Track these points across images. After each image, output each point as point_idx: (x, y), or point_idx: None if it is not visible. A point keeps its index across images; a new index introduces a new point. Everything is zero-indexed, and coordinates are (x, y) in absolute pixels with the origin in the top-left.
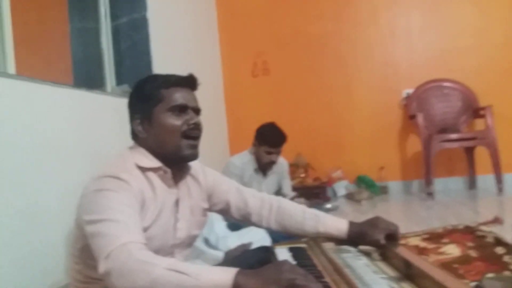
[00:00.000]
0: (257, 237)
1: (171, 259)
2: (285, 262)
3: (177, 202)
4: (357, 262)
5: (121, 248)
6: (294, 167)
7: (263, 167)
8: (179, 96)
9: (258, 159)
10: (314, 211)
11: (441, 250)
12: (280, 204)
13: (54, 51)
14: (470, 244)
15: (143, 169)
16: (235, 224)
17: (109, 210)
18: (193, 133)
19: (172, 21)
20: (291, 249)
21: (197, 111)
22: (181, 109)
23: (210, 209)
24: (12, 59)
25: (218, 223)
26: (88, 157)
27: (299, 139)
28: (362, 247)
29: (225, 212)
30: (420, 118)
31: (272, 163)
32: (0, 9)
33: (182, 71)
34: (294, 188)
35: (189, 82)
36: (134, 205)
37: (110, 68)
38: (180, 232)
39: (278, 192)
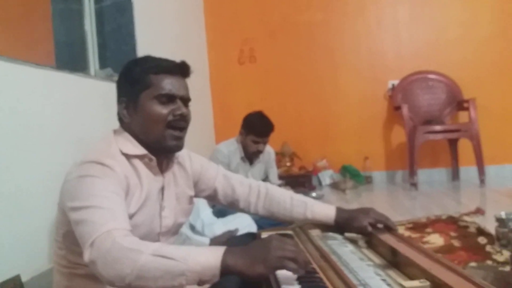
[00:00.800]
0: (243, 224)
1: (156, 244)
2: (272, 238)
3: (162, 190)
4: (343, 249)
5: (105, 236)
6: (280, 156)
7: (250, 156)
8: (168, 84)
9: (244, 148)
10: (301, 197)
11: (425, 239)
12: (268, 190)
13: (35, 33)
14: (453, 234)
15: (127, 156)
16: (221, 210)
17: (93, 196)
18: (178, 124)
19: (157, 4)
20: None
21: (186, 100)
22: (169, 98)
23: (196, 195)
24: None
25: (204, 209)
26: (71, 140)
27: (286, 128)
28: (348, 235)
29: (212, 198)
30: (405, 110)
31: (259, 152)
32: None
33: (168, 55)
34: (280, 177)
35: (181, 70)
36: (119, 191)
37: (94, 51)
38: (166, 220)
39: (265, 181)
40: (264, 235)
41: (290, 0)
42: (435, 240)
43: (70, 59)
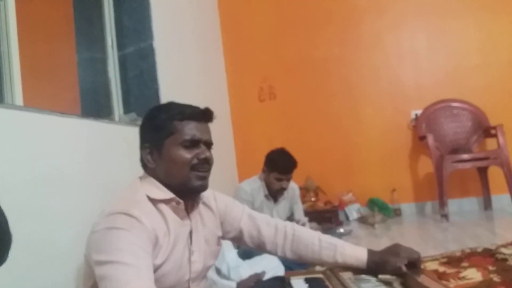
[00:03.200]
0: (270, 266)
1: None
2: None
3: (190, 234)
4: None
5: None
6: (304, 191)
7: (274, 194)
8: (192, 130)
9: (268, 186)
10: (330, 239)
11: (462, 274)
12: (295, 232)
13: (62, 82)
14: (491, 267)
15: (154, 201)
16: (247, 251)
17: (119, 251)
18: (202, 167)
19: (178, 49)
20: (307, 280)
21: (209, 144)
22: (193, 143)
23: (223, 237)
24: (19, 91)
25: (229, 251)
26: (97, 187)
27: (308, 163)
28: (382, 276)
29: (238, 240)
30: (430, 139)
31: (282, 189)
32: (8, 41)
33: (189, 98)
34: (306, 213)
35: (205, 116)
36: (146, 245)
37: (118, 97)
38: (196, 265)
39: (290, 218)
40: (293, 279)
41: (306, 36)
42: (473, 275)
43: (95, 105)
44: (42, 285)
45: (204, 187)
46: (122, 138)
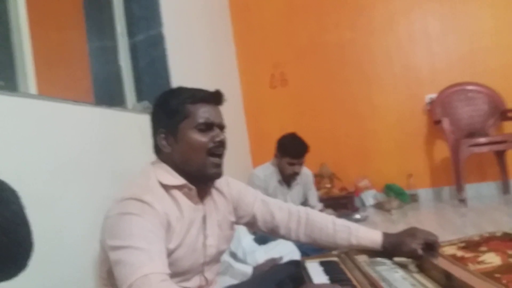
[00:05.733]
0: (286, 251)
1: None
2: (311, 284)
3: (204, 219)
4: (393, 275)
5: (142, 280)
6: (319, 178)
7: (287, 179)
8: (206, 113)
9: (281, 171)
10: (344, 222)
11: (480, 259)
12: (308, 216)
13: (74, 71)
14: (510, 252)
15: (167, 187)
16: (263, 237)
17: (132, 236)
18: (218, 150)
19: (188, 36)
20: (322, 263)
21: (222, 127)
22: (208, 126)
23: (236, 222)
24: (33, 80)
25: (245, 237)
26: (111, 175)
27: (323, 149)
28: (397, 259)
29: (251, 225)
30: (445, 123)
31: (295, 174)
32: (20, 31)
33: (201, 85)
34: (321, 199)
35: (216, 98)
36: (159, 230)
37: (130, 85)
38: (210, 249)
39: (304, 204)
40: (308, 262)
41: (317, 21)
42: (492, 259)
43: (108, 94)
44: (61, 273)
45: (219, 175)
46: (136, 126)
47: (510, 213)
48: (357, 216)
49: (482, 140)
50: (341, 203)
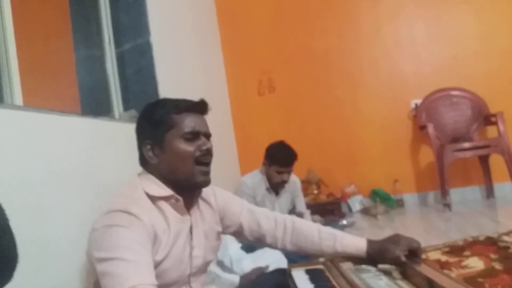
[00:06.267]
0: (272, 259)
1: None
2: None
3: (191, 230)
4: (378, 282)
5: None
6: (306, 184)
7: (275, 187)
8: (191, 122)
9: (269, 179)
10: (330, 230)
11: (464, 263)
12: (294, 224)
13: (60, 80)
14: (493, 256)
15: (153, 199)
16: (250, 245)
17: (119, 247)
18: (205, 159)
19: (176, 45)
20: (308, 271)
21: (208, 136)
22: (194, 135)
23: (223, 232)
24: (19, 91)
25: (232, 245)
26: (99, 185)
27: (310, 155)
28: (381, 266)
29: (238, 234)
30: (430, 129)
31: (283, 182)
32: (5, 41)
33: (188, 93)
34: (308, 206)
35: (200, 107)
36: (145, 242)
37: (117, 94)
38: (196, 260)
39: (292, 210)
40: (294, 271)
41: (304, 28)
42: (475, 263)
43: (95, 103)
44: (47, 283)
45: (207, 183)
46: (123, 135)
47: (493, 217)
48: (344, 222)
49: (466, 145)
50: (328, 209)
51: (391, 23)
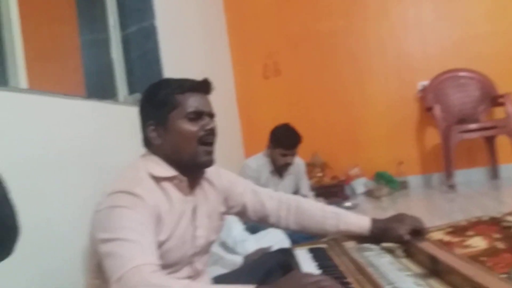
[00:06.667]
0: (275, 239)
1: (185, 281)
2: (297, 272)
3: (194, 210)
4: (380, 260)
5: (133, 271)
6: (310, 167)
7: (279, 169)
8: (195, 102)
9: (273, 162)
10: (333, 209)
11: (467, 243)
12: (298, 203)
13: (66, 64)
14: (496, 235)
15: (157, 179)
16: (253, 226)
17: (123, 228)
18: (209, 138)
19: (180, 28)
20: (311, 250)
21: (211, 115)
22: (197, 115)
23: (227, 212)
24: (24, 74)
25: (235, 226)
26: (103, 167)
27: (315, 138)
28: (384, 245)
29: (242, 214)
30: (437, 110)
31: (287, 165)
32: (10, 25)
33: (193, 77)
34: (312, 188)
35: (204, 87)
36: (149, 222)
37: (122, 78)
38: (199, 240)
39: (296, 193)
40: (297, 249)
41: (310, 10)
42: (478, 243)
43: (99, 87)
44: (52, 265)
45: (211, 162)
46: (127, 118)
47: (498, 198)
48: (348, 204)
49: (473, 126)
50: (332, 192)
51: (398, 4)
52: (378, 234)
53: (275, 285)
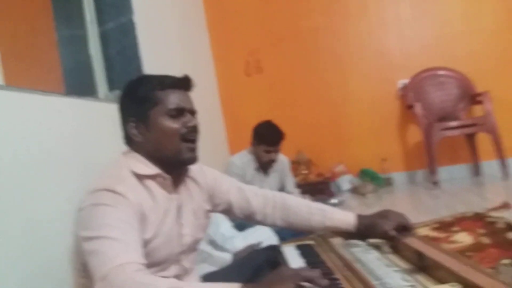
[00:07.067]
0: (264, 236)
1: (171, 279)
2: (283, 267)
3: (179, 208)
4: (367, 256)
5: (117, 270)
6: (296, 164)
7: (264, 166)
8: (176, 99)
9: (258, 159)
10: (319, 205)
11: (452, 238)
12: (283, 200)
13: (43, 61)
14: (481, 231)
15: (140, 177)
16: (241, 223)
17: (106, 226)
18: (191, 135)
19: (160, 23)
20: (299, 247)
21: (193, 112)
22: (179, 112)
23: (212, 210)
24: (0, 70)
25: (223, 223)
26: (83, 165)
27: (299, 136)
28: (371, 241)
29: (228, 212)
30: (418, 108)
31: (271, 161)
32: None
33: (174, 73)
34: (298, 185)
35: (185, 84)
36: (132, 220)
37: (101, 74)
38: (186, 238)
39: (281, 190)
40: (285, 246)
41: (292, 7)
42: (463, 238)
43: (79, 84)
44: (39, 266)
45: (194, 159)
46: (107, 115)
47: (481, 194)
48: (334, 200)
49: (453, 123)
50: (318, 189)
51: (377, 2)
52: (364, 230)
53: (260, 283)
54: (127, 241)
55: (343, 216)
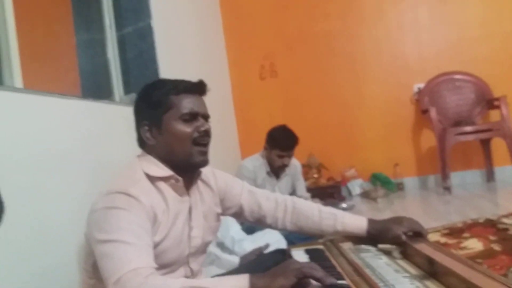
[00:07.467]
0: (272, 240)
1: (181, 279)
2: (291, 260)
3: (190, 210)
4: (377, 261)
5: (131, 274)
6: (307, 168)
7: (276, 171)
8: (189, 103)
9: (270, 163)
10: (330, 210)
11: (463, 245)
12: (294, 204)
13: (61, 64)
14: (492, 237)
15: (153, 179)
16: (250, 227)
17: (119, 230)
18: (203, 140)
19: (177, 28)
20: (308, 251)
21: (206, 117)
22: (192, 116)
23: (223, 213)
24: (19, 73)
25: (233, 226)
26: (99, 167)
27: (311, 140)
28: (382, 246)
29: (238, 215)
30: (433, 112)
31: (284, 166)
32: (5, 25)
33: (189, 77)
34: (308, 189)
35: (199, 88)
36: (145, 224)
37: (118, 78)
38: (195, 240)
39: (292, 194)
40: (294, 250)
41: (307, 11)
42: (474, 245)
43: (95, 87)
44: (48, 266)
45: (205, 162)
46: (123, 118)
47: (493, 200)
48: (344, 205)
49: (469, 128)
50: (328, 193)
51: (394, 6)
52: (375, 235)
53: (266, 274)
54: (140, 245)
55: (354, 220)
